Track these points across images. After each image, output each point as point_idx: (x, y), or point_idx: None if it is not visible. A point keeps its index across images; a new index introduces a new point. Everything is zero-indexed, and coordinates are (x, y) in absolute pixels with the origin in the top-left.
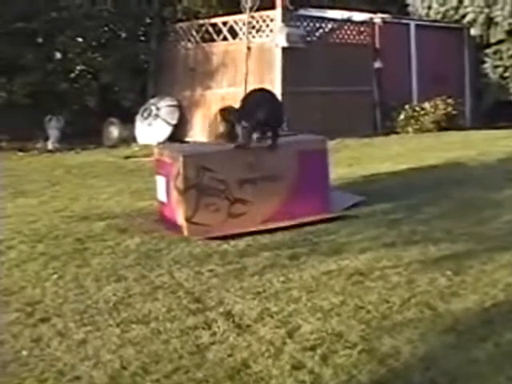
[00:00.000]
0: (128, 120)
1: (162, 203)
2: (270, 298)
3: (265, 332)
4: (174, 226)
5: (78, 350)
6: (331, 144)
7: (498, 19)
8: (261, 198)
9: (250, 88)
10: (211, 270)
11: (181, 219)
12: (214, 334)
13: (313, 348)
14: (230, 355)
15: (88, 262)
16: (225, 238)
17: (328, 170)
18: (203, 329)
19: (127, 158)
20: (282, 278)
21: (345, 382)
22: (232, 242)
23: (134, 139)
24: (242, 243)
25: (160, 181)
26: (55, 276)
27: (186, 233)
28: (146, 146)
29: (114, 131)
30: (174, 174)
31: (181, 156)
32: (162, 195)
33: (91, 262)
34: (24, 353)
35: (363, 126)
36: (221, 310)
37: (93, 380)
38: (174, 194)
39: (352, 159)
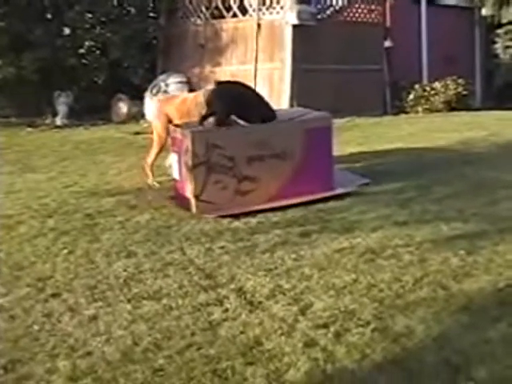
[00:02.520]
0: (137, 96)
1: (175, 180)
2: (281, 275)
3: (277, 309)
4: (186, 203)
5: (89, 325)
6: (341, 122)
7: None
8: (268, 176)
9: (260, 65)
10: (222, 247)
11: (189, 196)
12: (226, 310)
13: (325, 326)
14: (242, 332)
15: (98, 237)
16: (236, 216)
17: (332, 147)
18: (215, 305)
19: (136, 134)
20: (293, 256)
21: (358, 360)
22: (243, 220)
23: (142, 115)
24: (253, 220)
25: (173, 158)
26: (65, 251)
27: (194, 210)
28: None
29: (123, 107)
30: (183, 150)
31: (190, 132)
32: (175, 172)
33: (101, 238)
34: (35, 328)
35: (373, 105)
36: (232, 286)
37: (104, 355)
38: (184, 171)
39: (362, 138)
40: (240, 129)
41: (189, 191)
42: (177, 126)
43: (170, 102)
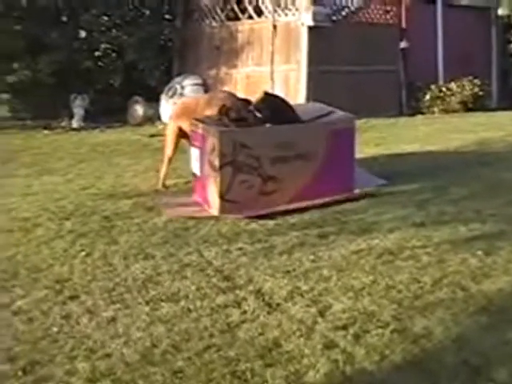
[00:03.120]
0: (153, 98)
1: (194, 176)
2: (299, 276)
3: (295, 311)
4: (204, 201)
5: (107, 327)
6: (357, 123)
7: None
8: (291, 176)
9: (276, 67)
10: (240, 249)
11: (212, 195)
12: (245, 312)
13: (345, 327)
14: (260, 334)
15: (116, 239)
16: (261, 216)
17: (354, 148)
18: (233, 307)
19: (152, 136)
20: (311, 257)
21: (377, 361)
22: (260, 221)
23: (158, 118)
24: (270, 222)
25: (194, 153)
26: (83, 253)
27: (217, 211)
28: None
29: (139, 110)
30: (208, 148)
31: (217, 131)
32: (195, 167)
33: (119, 240)
34: (54, 330)
35: (389, 106)
36: (250, 288)
37: (124, 357)
38: (207, 169)
39: (379, 139)
40: (266, 129)
41: (212, 190)
42: (197, 120)
43: (184, 114)
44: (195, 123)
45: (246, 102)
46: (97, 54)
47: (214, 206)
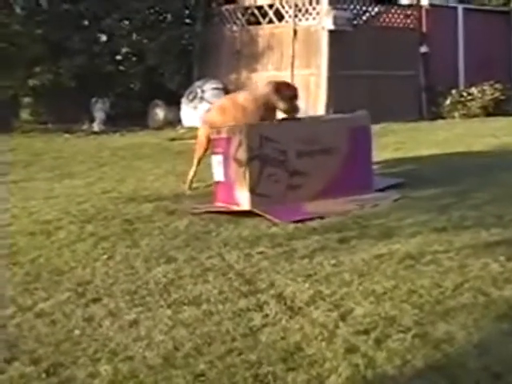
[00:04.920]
0: (173, 102)
1: (217, 183)
2: (321, 280)
3: (317, 315)
4: (231, 203)
5: (129, 330)
6: (377, 128)
7: None
8: (316, 171)
9: (297, 71)
10: (261, 253)
11: (241, 192)
12: (266, 316)
13: (366, 332)
14: (282, 338)
15: (137, 242)
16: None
17: (371, 145)
18: (255, 311)
19: (173, 140)
20: (332, 261)
21: (399, 366)
22: (281, 225)
23: (179, 122)
24: (290, 226)
25: (216, 160)
26: (105, 256)
27: (248, 205)
28: (191, 129)
29: (160, 113)
30: (233, 147)
31: (244, 126)
32: (218, 175)
33: (140, 243)
34: (77, 332)
35: (409, 110)
36: (272, 292)
37: (146, 360)
38: (234, 167)
39: (399, 144)
40: (290, 123)
41: (240, 188)
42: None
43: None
44: (218, 130)
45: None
46: (118, 57)
47: (244, 202)
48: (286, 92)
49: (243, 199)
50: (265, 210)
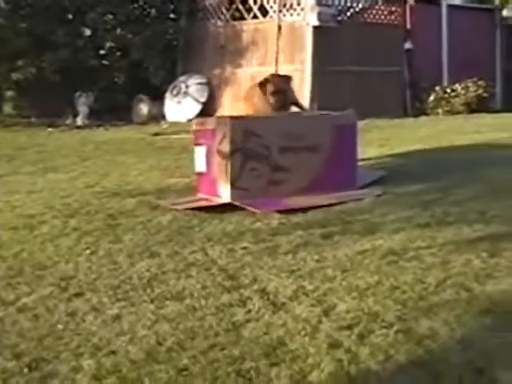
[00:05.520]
0: (157, 97)
1: (199, 174)
2: (304, 276)
3: (300, 310)
4: (213, 195)
5: (112, 324)
6: (361, 124)
7: None
8: (300, 168)
9: (281, 67)
10: (244, 248)
11: (222, 185)
12: (249, 311)
13: (349, 327)
14: (265, 333)
15: (120, 237)
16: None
17: (357, 143)
18: (238, 306)
19: (156, 135)
20: (315, 257)
21: (382, 361)
22: (264, 220)
23: (163, 116)
24: (274, 221)
25: (199, 151)
26: (88, 251)
27: (228, 198)
28: (175, 124)
29: (144, 108)
30: (218, 139)
31: (229, 119)
32: (200, 165)
33: (124, 238)
34: (59, 327)
35: (393, 106)
36: (255, 287)
37: (129, 355)
38: (217, 159)
39: (383, 140)
40: (275, 119)
41: (222, 180)
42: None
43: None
44: (201, 121)
45: (286, 76)
46: (102, 52)
47: (224, 195)
48: (270, 87)
49: (224, 192)
50: (244, 203)
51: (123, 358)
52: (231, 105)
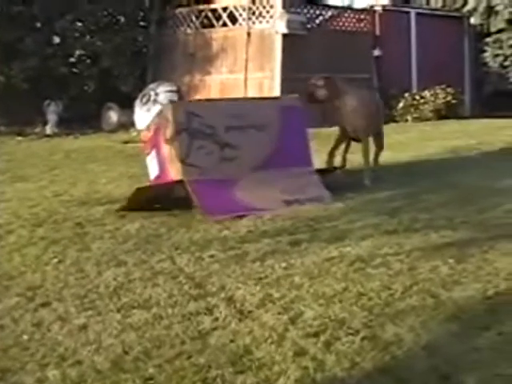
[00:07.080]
0: (127, 105)
1: (157, 178)
2: (271, 283)
3: (267, 318)
4: (165, 180)
5: (79, 334)
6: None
7: (499, 8)
8: (249, 145)
9: (250, 74)
10: (212, 256)
11: (173, 166)
12: (216, 319)
13: (316, 334)
14: (232, 341)
15: (88, 246)
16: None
17: (306, 126)
18: (205, 314)
19: (126, 142)
20: (283, 264)
21: (348, 368)
22: (232, 228)
23: (132, 124)
24: (242, 229)
25: (149, 158)
26: (55, 260)
27: (179, 175)
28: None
29: (113, 116)
30: (162, 132)
31: (169, 104)
32: (154, 170)
33: (91, 247)
34: (25, 337)
35: None
36: (222, 295)
37: (94, 365)
38: (165, 149)
39: (352, 147)
40: (218, 102)
41: (172, 165)
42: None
43: None
44: (147, 128)
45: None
46: (71, 60)
47: (175, 174)
48: None
49: (175, 171)
50: (198, 192)
51: (89, 368)
52: None
